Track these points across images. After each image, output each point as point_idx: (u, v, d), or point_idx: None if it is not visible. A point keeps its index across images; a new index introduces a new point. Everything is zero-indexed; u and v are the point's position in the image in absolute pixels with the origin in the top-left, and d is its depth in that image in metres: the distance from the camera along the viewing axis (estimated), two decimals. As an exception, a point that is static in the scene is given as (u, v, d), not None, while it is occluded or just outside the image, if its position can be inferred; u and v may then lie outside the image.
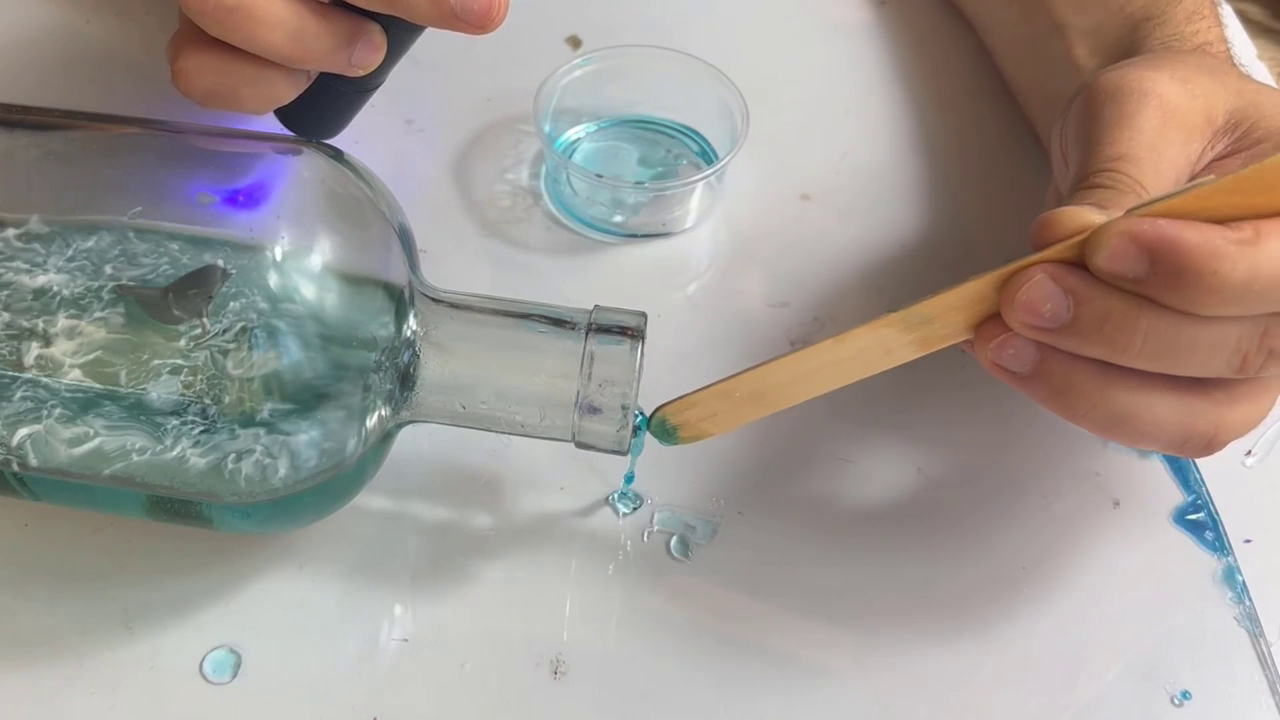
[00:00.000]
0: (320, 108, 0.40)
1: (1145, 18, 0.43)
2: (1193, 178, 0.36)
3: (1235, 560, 0.39)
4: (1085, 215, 0.32)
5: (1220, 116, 0.36)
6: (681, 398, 0.35)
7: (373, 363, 0.34)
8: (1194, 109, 0.36)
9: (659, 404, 0.36)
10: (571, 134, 0.49)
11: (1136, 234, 0.30)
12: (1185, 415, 0.32)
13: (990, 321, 0.33)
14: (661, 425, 0.36)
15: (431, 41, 0.39)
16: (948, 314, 0.33)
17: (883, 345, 0.33)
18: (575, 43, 0.53)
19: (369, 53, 0.36)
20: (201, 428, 0.32)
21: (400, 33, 0.37)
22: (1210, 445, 0.33)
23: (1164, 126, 0.35)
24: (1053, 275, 0.31)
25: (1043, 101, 0.48)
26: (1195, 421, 0.32)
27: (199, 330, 0.32)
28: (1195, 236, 0.29)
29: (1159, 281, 0.30)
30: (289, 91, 0.37)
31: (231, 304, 0.32)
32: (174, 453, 0.32)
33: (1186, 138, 0.35)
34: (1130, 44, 0.42)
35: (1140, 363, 0.31)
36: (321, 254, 0.33)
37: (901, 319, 0.33)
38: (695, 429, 0.36)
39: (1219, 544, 0.40)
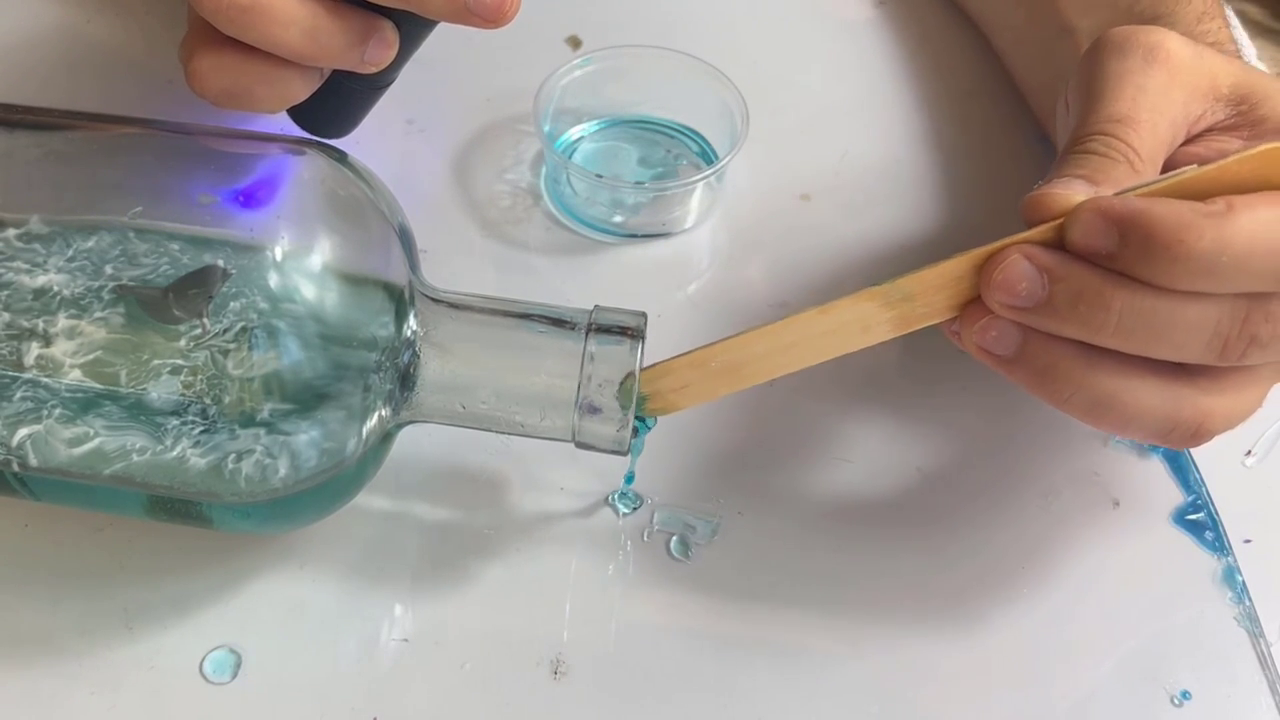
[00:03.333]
0: (332, 106, 0.40)
1: (1154, 17, 0.43)
2: (1188, 141, 0.36)
3: (1235, 560, 0.39)
4: (1070, 198, 0.32)
5: (1224, 86, 0.36)
6: (654, 365, 0.35)
7: (373, 363, 0.34)
8: (1200, 70, 0.36)
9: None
10: (571, 134, 0.49)
11: (1106, 209, 0.31)
12: (1170, 402, 0.32)
13: (974, 305, 0.33)
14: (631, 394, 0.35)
15: (432, 41, 0.39)
16: (928, 292, 0.33)
17: (861, 321, 0.33)
18: (575, 43, 0.53)
19: (381, 49, 0.37)
20: (202, 428, 0.32)
21: (412, 29, 0.38)
22: (1197, 435, 0.33)
23: (1169, 85, 0.35)
24: (1028, 255, 0.32)
25: (1052, 103, 0.48)
26: (1181, 409, 0.32)
27: (199, 330, 0.32)
28: (1163, 209, 0.30)
29: (1129, 254, 0.30)
30: (303, 90, 0.37)
31: (232, 304, 0.32)
32: (174, 453, 0.32)
33: (1188, 97, 0.35)
34: None
35: (1116, 342, 0.31)
36: (322, 254, 0.33)
37: (883, 293, 0.33)
38: (665, 400, 0.35)
39: (1219, 544, 0.40)
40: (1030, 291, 0.31)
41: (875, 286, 0.33)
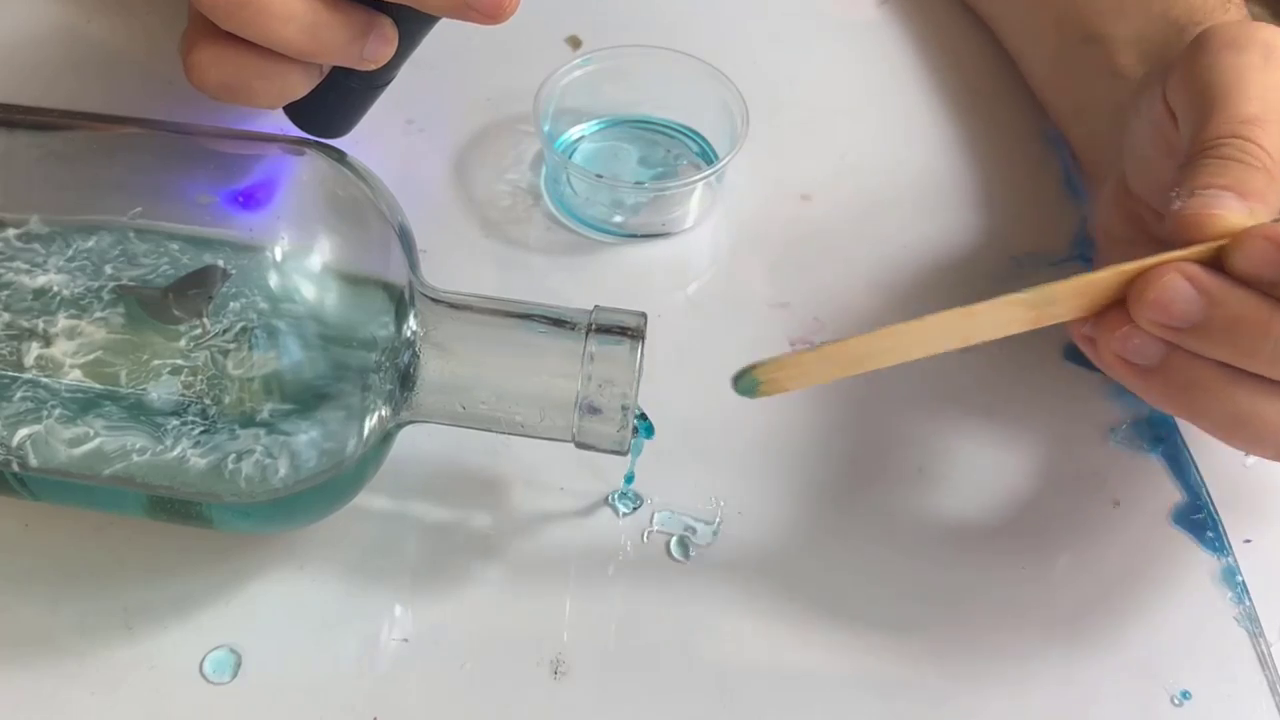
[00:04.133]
0: (331, 105, 0.40)
1: (1192, 22, 0.42)
2: None
3: (1235, 560, 0.39)
4: (1227, 219, 0.32)
5: None
6: (779, 358, 0.33)
7: (373, 363, 0.34)
8: None
9: (754, 361, 0.33)
10: (571, 134, 0.49)
11: (1278, 239, 0.30)
12: None
13: (1113, 313, 0.33)
14: (751, 380, 0.33)
15: (432, 41, 0.39)
16: (1070, 298, 0.33)
17: (999, 322, 0.33)
18: (575, 43, 0.53)
19: (381, 45, 0.36)
20: (201, 428, 0.32)
21: (412, 25, 0.38)
22: None
23: None
24: (1188, 276, 0.31)
25: (1074, 110, 0.47)
26: None
27: (199, 330, 0.32)
28: None
29: None
30: (302, 85, 0.37)
31: (231, 304, 0.32)
32: (174, 453, 0.32)
33: None
34: (1180, 48, 0.40)
35: (1265, 368, 0.31)
36: (321, 254, 0.33)
37: (1029, 300, 0.33)
38: (776, 384, 0.34)
39: (1219, 544, 0.40)
40: (1186, 313, 0.31)
41: (1021, 294, 0.32)
